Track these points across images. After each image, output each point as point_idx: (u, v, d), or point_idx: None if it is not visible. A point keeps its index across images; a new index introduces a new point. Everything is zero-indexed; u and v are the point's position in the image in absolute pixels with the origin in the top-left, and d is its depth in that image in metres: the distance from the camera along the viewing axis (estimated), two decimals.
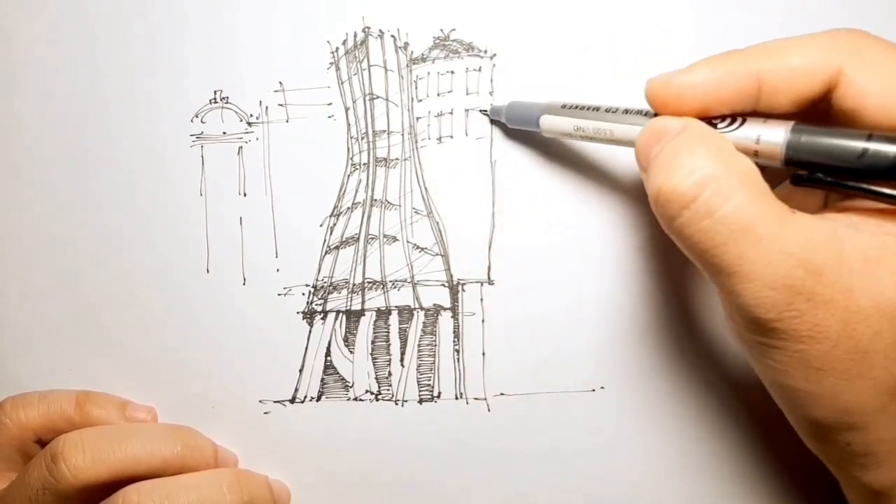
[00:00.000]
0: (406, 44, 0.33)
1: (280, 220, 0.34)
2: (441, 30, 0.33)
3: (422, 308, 0.34)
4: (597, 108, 0.27)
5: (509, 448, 0.33)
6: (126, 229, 0.34)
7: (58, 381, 0.35)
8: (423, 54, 0.33)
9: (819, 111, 0.24)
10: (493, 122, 0.33)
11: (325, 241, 0.34)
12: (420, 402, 0.34)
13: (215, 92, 0.34)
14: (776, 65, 0.23)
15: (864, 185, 0.22)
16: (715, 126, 0.24)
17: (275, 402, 0.34)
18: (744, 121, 0.24)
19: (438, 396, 0.34)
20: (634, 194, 0.32)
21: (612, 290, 0.32)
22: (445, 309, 0.34)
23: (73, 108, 0.34)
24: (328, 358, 0.34)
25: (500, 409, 0.33)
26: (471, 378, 0.33)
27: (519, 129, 0.32)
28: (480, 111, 0.33)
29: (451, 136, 0.33)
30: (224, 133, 0.34)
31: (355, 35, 0.33)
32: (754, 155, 0.23)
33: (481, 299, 0.33)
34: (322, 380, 0.34)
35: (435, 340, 0.34)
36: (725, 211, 0.21)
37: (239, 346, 0.34)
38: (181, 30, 0.33)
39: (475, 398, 0.33)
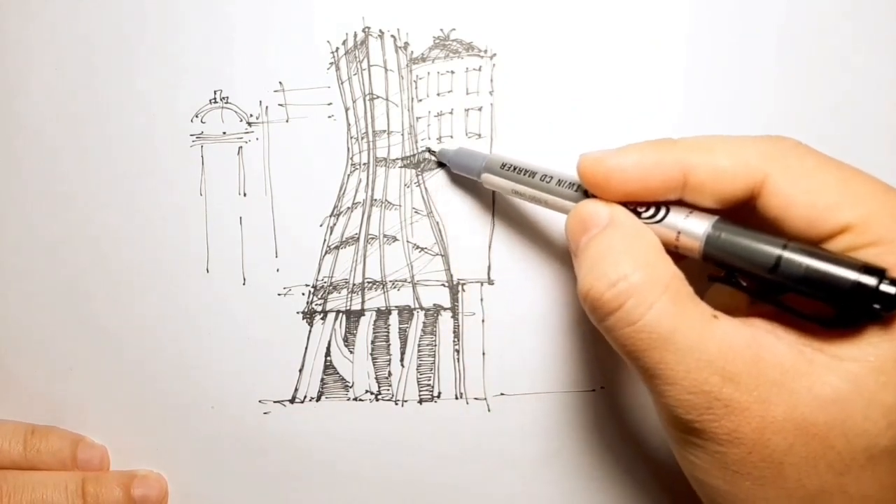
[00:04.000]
0: (406, 44, 0.33)
1: (280, 220, 0.34)
2: (441, 30, 0.33)
3: (422, 308, 0.34)
4: (533, 174, 0.28)
5: (509, 448, 0.33)
6: (126, 229, 0.34)
7: (58, 381, 0.35)
8: (423, 54, 0.33)
9: (747, 209, 0.24)
10: (439, 163, 0.33)
11: (325, 241, 0.34)
12: (420, 402, 0.34)
13: (215, 92, 0.34)
14: (703, 162, 0.23)
15: (774, 296, 0.22)
16: (639, 215, 0.24)
17: (275, 402, 0.34)
18: (667, 212, 0.24)
19: (438, 396, 0.34)
20: None
21: None
22: (445, 309, 0.34)
23: (72, 108, 0.34)
24: (328, 358, 0.34)
25: (500, 409, 0.33)
26: (471, 378, 0.33)
27: (463, 176, 0.32)
28: (428, 150, 0.33)
29: (451, 136, 0.33)
30: (224, 133, 0.34)
31: (355, 35, 0.33)
32: (675, 248, 0.24)
33: (481, 299, 0.33)
34: (322, 380, 0.34)
35: (435, 340, 0.34)
36: (646, 320, 0.22)
37: (239, 346, 0.34)
38: (181, 30, 0.33)
39: (475, 398, 0.33)
